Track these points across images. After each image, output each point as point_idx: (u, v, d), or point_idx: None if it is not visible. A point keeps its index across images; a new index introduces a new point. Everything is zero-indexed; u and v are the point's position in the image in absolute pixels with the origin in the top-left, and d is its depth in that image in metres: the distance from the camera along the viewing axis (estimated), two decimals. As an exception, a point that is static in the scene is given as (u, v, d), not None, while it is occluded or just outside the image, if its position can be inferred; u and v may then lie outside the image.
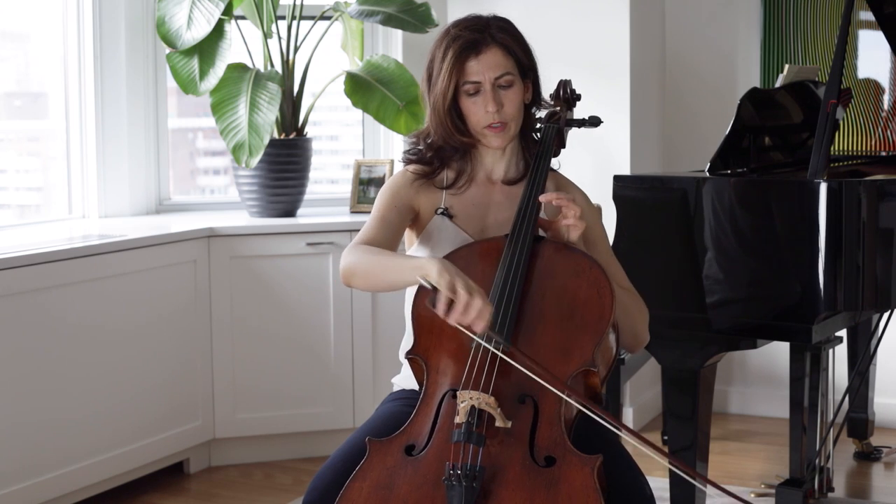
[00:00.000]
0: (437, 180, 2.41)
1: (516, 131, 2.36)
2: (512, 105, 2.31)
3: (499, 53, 2.30)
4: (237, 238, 4.05)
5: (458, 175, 2.40)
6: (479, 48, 2.29)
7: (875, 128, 4.54)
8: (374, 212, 2.38)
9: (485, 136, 2.33)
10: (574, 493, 2.00)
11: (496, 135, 2.32)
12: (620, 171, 4.32)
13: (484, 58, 2.29)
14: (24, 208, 4.33)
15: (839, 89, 3.04)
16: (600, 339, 2.14)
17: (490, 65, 2.29)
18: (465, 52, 2.29)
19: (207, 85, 4.10)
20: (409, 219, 2.40)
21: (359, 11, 4.21)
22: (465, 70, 2.29)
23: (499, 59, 2.30)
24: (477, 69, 2.29)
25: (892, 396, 4.52)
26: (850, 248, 2.88)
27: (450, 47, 2.29)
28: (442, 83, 2.30)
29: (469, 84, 2.29)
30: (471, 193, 2.40)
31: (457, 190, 2.40)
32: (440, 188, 2.40)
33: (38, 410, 3.45)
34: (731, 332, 3.01)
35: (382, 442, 2.14)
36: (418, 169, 2.40)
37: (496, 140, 2.33)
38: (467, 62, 2.29)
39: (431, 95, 2.34)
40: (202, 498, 3.86)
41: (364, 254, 2.22)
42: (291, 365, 4.13)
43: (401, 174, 2.43)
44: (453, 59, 2.28)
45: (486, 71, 2.29)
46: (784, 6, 4.63)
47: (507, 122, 2.31)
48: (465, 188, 2.40)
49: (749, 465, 4.14)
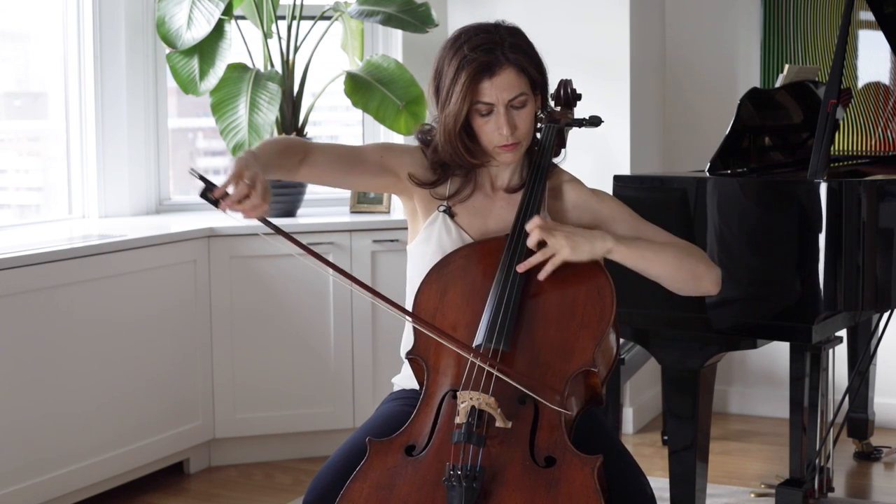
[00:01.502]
0: (439, 191, 2.39)
1: (527, 146, 2.33)
2: (525, 124, 2.27)
3: (512, 74, 2.23)
4: (237, 238, 4.05)
5: (461, 188, 2.39)
6: (493, 70, 2.22)
7: (875, 128, 4.54)
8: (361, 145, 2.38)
9: (497, 154, 2.29)
10: (574, 493, 2.00)
11: (509, 152, 2.28)
12: (620, 171, 4.32)
13: (497, 80, 2.22)
14: (24, 208, 4.33)
15: (839, 89, 3.04)
16: (601, 339, 2.14)
17: (504, 86, 2.23)
18: (479, 76, 2.22)
19: (207, 85, 4.10)
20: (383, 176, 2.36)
21: (359, 11, 4.21)
22: (478, 90, 2.23)
23: (512, 79, 2.23)
24: (490, 91, 2.22)
25: (892, 396, 4.52)
26: (850, 248, 2.88)
27: (462, 69, 2.22)
28: (454, 105, 2.23)
29: (482, 104, 2.24)
30: (473, 200, 2.39)
31: (460, 197, 2.38)
32: (441, 199, 2.38)
33: (37, 410, 3.45)
34: (731, 332, 3.01)
35: (383, 442, 2.14)
36: (420, 178, 2.38)
37: (508, 157, 2.30)
38: (481, 84, 2.22)
39: (442, 114, 2.27)
40: (202, 498, 3.86)
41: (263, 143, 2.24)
42: (291, 365, 4.13)
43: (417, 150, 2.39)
44: (466, 81, 2.21)
45: (500, 93, 2.22)
46: (784, 6, 4.63)
47: (519, 141, 2.28)
48: (467, 195, 2.39)
49: (749, 465, 4.14)
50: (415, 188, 2.37)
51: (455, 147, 2.28)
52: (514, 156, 2.30)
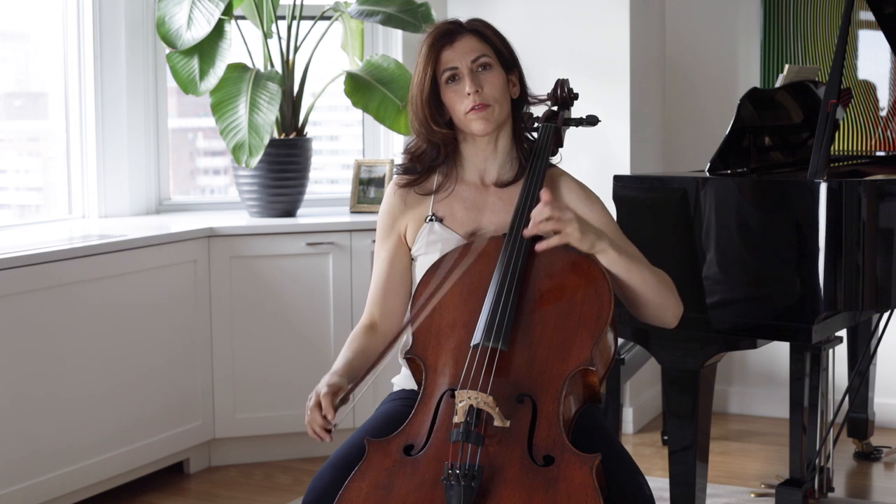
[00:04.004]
0: (425, 187, 2.41)
1: (501, 118, 2.34)
2: (492, 87, 2.31)
3: (473, 39, 2.33)
4: (237, 238, 4.05)
5: (446, 177, 2.40)
6: (454, 37, 2.32)
7: (875, 128, 4.54)
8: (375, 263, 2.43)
9: (468, 122, 2.32)
10: (573, 492, 2.00)
11: (478, 116, 2.30)
12: (620, 171, 4.32)
13: (458, 45, 2.32)
14: (24, 208, 4.33)
15: (839, 89, 3.04)
16: (598, 337, 2.14)
17: (465, 50, 2.31)
18: (440, 42, 2.32)
19: (207, 85, 4.10)
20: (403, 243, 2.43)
21: (359, 11, 4.21)
22: (440, 59, 2.31)
23: (473, 44, 2.32)
24: (452, 56, 2.31)
25: (892, 396, 4.51)
26: (850, 248, 2.87)
27: (425, 42, 2.33)
28: (418, 76, 2.33)
29: (447, 71, 2.31)
30: (461, 196, 2.39)
31: (445, 193, 2.39)
32: (428, 194, 2.40)
33: (37, 410, 3.45)
34: (731, 332, 3.01)
35: (381, 442, 2.14)
36: (404, 178, 2.41)
37: (479, 124, 2.31)
38: (442, 52, 2.32)
39: (412, 89, 2.36)
40: (202, 498, 3.86)
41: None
42: (291, 365, 4.13)
43: (389, 192, 2.45)
44: (427, 50, 2.32)
45: (462, 56, 2.31)
46: (784, 6, 4.62)
47: (488, 103, 2.30)
48: (452, 189, 2.39)
49: (749, 465, 4.14)
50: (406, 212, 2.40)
51: (424, 119, 2.34)
52: (485, 122, 2.32)
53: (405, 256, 2.41)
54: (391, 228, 2.41)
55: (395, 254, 2.41)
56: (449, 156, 2.40)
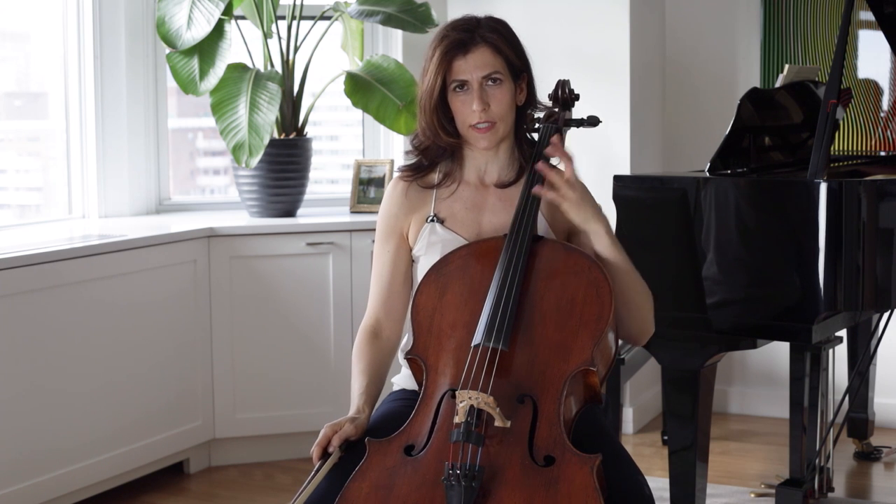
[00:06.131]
0: (428, 180, 2.41)
1: (505, 133, 2.34)
2: (499, 105, 2.29)
3: (487, 52, 2.28)
4: (237, 238, 4.05)
5: (447, 175, 2.40)
6: (468, 47, 2.28)
7: (875, 128, 4.54)
8: (376, 264, 2.42)
9: (471, 136, 2.32)
10: (573, 492, 2.00)
11: (482, 136, 2.30)
12: (620, 171, 4.32)
13: (472, 56, 2.28)
14: (24, 208, 4.33)
15: (839, 89, 3.04)
16: (599, 338, 2.14)
17: (478, 63, 2.27)
18: (453, 51, 2.28)
19: (207, 85, 4.10)
20: (405, 242, 2.42)
21: (359, 11, 4.21)
22: (452, 68, 2.28)
23: (487, 58, 2.28)
24: (464, 67, 2.27)
25: (892, 396, 4.51)
26: (850, 248, 2.87)
27: (439, 46, 2.29)
28: (428, 81, 2.30)
29: (457, 81, 2.28)
30: (462, 196, 2.39)
31: (446, 191, 2.39)
32: (430, 188, 2.40)
33: (37, 411, 3.45)
34: (731, 332, 3.01)
35: (382, 442, 2.14)
36: (407, 173, 2.41)
37: (482, 141, 2.31)
38: (455, 61, 2.28)
39: (421, 90, 2.33)
40: (202, 498, 3.86)
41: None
42: (291, 365, 4.13)
43: (391, 188, 2.44)
44: (440, 56, 2.28)
45: (474, 70, 2.27)
46: (784, 6, 4.63)
47: (493, 121, 2.29)
48: (454, 189, 2.39)
49: (749, 465, 4.14)
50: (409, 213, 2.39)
51: (432, 124, 2.32)
52: (488, 140, 2.31)
53: (407, 256, 2.41)
54: (393, 228, 2.41)
55: (397, 254, 2.41)
56: (453, 153, 2.40)
